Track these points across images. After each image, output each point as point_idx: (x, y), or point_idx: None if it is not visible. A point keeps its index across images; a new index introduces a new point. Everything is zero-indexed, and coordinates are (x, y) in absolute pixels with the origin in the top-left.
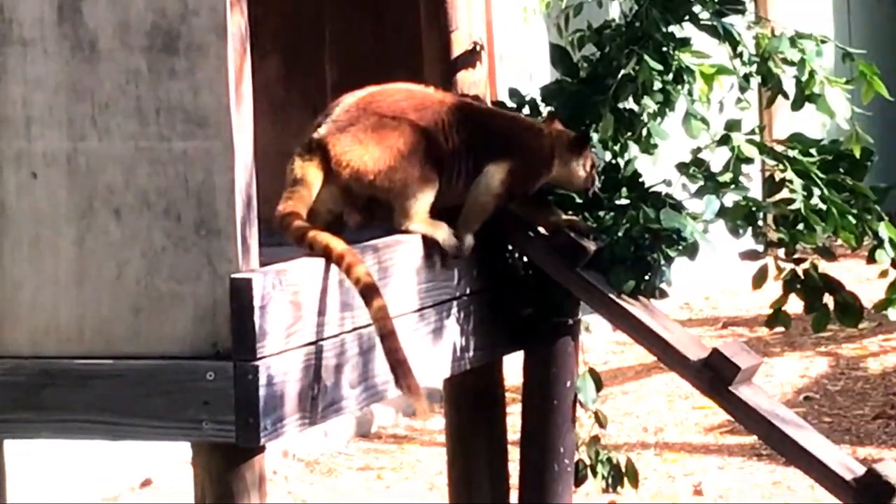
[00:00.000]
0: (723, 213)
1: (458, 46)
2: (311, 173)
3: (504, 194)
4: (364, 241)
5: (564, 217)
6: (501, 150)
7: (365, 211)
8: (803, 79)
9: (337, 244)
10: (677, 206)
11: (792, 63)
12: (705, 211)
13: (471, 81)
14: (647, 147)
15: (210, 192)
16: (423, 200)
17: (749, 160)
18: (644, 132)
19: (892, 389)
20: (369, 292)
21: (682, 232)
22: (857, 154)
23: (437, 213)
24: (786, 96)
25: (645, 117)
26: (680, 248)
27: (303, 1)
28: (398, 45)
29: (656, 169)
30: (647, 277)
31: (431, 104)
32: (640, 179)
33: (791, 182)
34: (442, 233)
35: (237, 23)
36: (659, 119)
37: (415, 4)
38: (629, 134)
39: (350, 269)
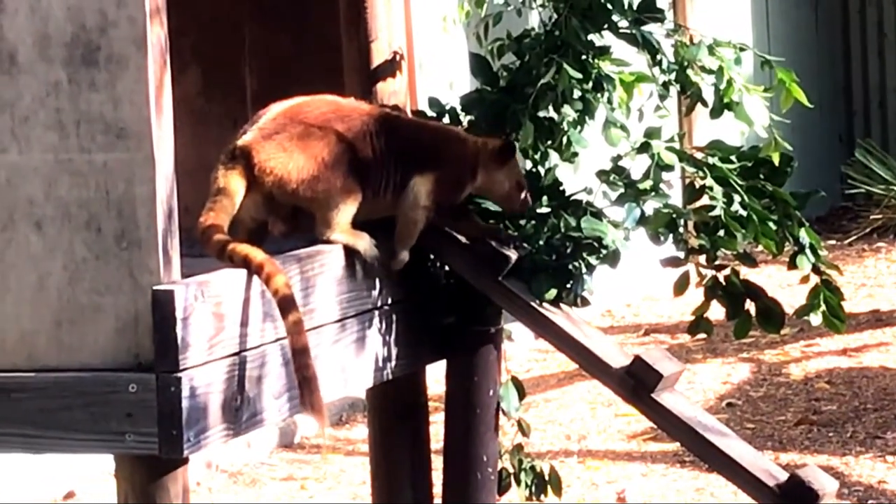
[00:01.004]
0: (644, 220)
1: (378, 56)
2: (233, 182)
3: (432, 206)
4: (286, 251)
5: (485, 226)
6: (427, 161)
7: (289, 220)
8: (722, 86)
9: (256, 254)
10: (598, 214)
11: (710, 71)
12: (626, 218)
13: (391, 91)
14: (568, 155)
15: (131, 203)
16: (346, 211)
17: (669, 167)
18: (564, 140)
19: (814, 395)
20: (286, 305)
21: (604, 240)
22: (777, 161)
23: (366, 224)
24: (704, 104)
25: (565, 125)
26: (601, 255)
27: (222, 12)
28: (318, 56)
29: (577, 177)
30: (568, 285)
31: (359, 115)
32: (561, 188)
33: (711, 189)
34: (363, 243)
35: (157, 34)
36: (579, 127)
37: (335, 15)
38: (549, 142)
39: (269, 280)
